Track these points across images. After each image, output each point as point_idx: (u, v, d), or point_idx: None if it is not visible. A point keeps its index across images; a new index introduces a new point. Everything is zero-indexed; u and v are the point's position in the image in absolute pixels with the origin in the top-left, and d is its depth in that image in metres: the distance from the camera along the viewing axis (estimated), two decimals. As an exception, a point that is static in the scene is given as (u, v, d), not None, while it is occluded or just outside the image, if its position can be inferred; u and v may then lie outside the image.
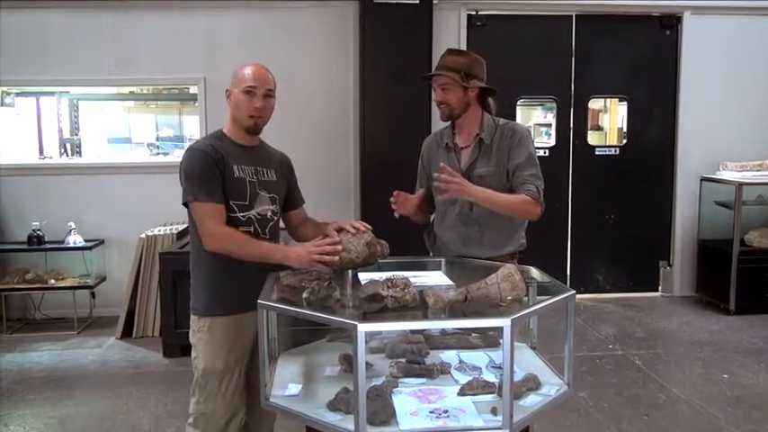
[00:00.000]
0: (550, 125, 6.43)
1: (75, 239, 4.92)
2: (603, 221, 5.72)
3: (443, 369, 1.91)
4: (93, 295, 5.13)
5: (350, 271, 2.13)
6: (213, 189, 2.08)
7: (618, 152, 5.76)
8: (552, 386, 1.82)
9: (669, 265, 5.81)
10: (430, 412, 1.64)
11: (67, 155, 6.00)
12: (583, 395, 3.63)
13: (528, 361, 2.02)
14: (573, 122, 5.64)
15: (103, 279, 5.16)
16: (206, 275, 2.18)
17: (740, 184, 5.10)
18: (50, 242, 4.95)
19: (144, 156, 6.71)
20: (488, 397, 1.72)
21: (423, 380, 1.85)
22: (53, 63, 5.11)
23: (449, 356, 2.03)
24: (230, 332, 2.15)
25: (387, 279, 1.79)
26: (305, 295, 1.81)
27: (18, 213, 5.12)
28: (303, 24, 5.24)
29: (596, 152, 5.73)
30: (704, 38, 5.56)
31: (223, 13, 5.19)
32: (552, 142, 5.78)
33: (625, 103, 5.81)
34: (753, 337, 4.63)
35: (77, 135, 6.23)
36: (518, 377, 1.79)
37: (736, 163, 5.39)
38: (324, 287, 1.80)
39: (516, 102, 5.56)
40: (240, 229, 2.12)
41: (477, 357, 2.03)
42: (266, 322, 1.81)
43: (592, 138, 5.89)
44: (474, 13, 5.39)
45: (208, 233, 2.08)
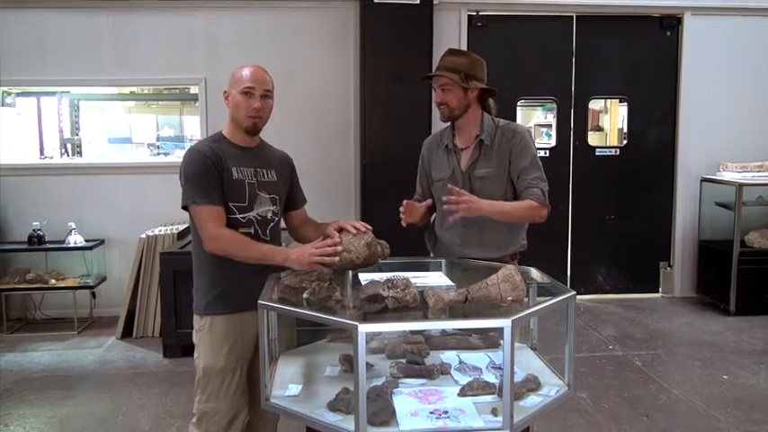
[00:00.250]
0: (551, 126, 6.43)
1: (75, 239, 4.92)
2: (604, 222, 5.72)
3: (444, 370, 1.91)
4: (93, 295, 5.14)
5: (350, 271, 2.13)
6: (212, 191, 2.09)
7: (618, 153, 5.76)
8: (552, 387, 1.82)
9: (669, 266, 5.81)
10: (430, 413, 1.64)
11: (68, 155, 5.99)
12: (583, 396, 3.63)
13: (528, 362, 2.02)
14: (573, 123, 5.64)
15: (104, 279, 5.16)
16: (207, 275, 2.19)
17: (740, 185, 5.10)
18: (51, 242, 4.95)
19: (144, 156, 6.71)
20: (489, 398, 1.72)
21: (423, 380, 1.85)
22: (54, 63, 5.12)
23: (449, 357, 2.03)
24: (231, 331, 2.16)
25: (387, 279, 1.78)
26: (305, 296, 1.81)
27: (18, 213, 5.12)
28: (304, 24, 5.24)
29: (597, 153, 5.73)
30: (704, 38, 5.56)
31: (224, 13, 5.19)
32: (552, 143, 5.78)
33: (625, 104, 5.81)
34: (753, 338, 4.63)
35: (78, 135, 6.23)
36: (518, 378, 1.79)
37: (736, 164, 5.39)
38: (324, 287, 1.80)
39: (517, 102, 5.56)
40: (240, 231, 2.13)
41: (477, 358, 2.03)
42: (267, 322, 1.82)
43: (592, 138, 5.90)
44: (474, 14, 5.40)
45: (208, 236, 2.09)
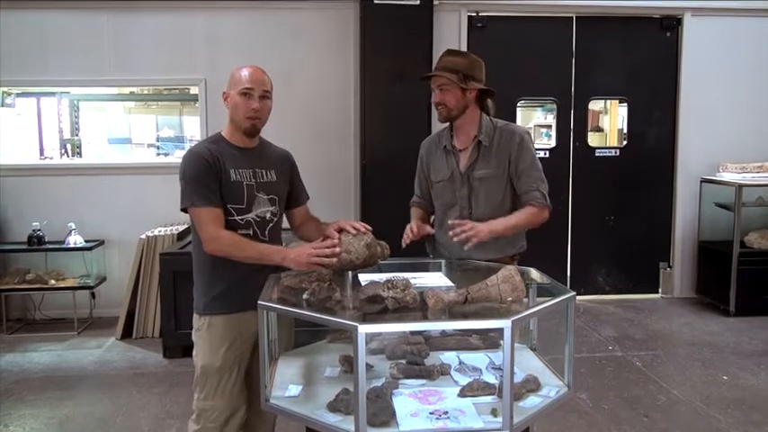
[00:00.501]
0: (551, 126, 6.43)
1: (75, 240, 4.92)
2: (604, 223, 5.72)
3: (443, 370, 1.91)
4: (93, 296, 5.14)
5: (350, 272, 2.13)
6: (210, 193, 2.09)
7: (618, 153, 5.75)
8: (552, 387, 1.82)
9: (669, 267, 5.81)
10: (430, 413, 1.65)
11: (68, 155, 6.00)
12: (583, 396, 3.63)
13: (528, 362, 2.02)
14: (573, 124, 5.64)
15: (104, 279, 5.16)
16: (206, 275, 2.19)
17: (740, 186, 5.10)
18: (51, 242, 4.95)
19: (144, 156, 6.71)
20: (488, 398, 1.73)
21: (423, 381, 1.86)
22: (54, 63, 5.11)
23: (449, 358, 2.03)
24: (229, 331, 2.16)
25: (387, 280, 1.79)
26: (305, 296, 1.81)
27: (18, 214, 5.12)
28: (304, 25, 5.24)
29: (596, 153, 5.73)
30: (704, 39, 5.56)
31: (224, 14, 5.19)
32: (552, 144, 5.78)
33: (625, 105, 5.81)
34: (753, 339, 4.62)
35: (78, 135, 6.23)
36: (518, 378, 1.79)
37: (736, 164, 5.39)
38: (324, 288, 1.80)
39: (516, 103, 5.56)
40: (239, 232, 2.13)
41: (477, 359, 2.03)
42: (266, 323, 1.82)
43: (592, 139, 5.90)
44: (474, 15, 5.40)
45: (207, 237, 2.09)
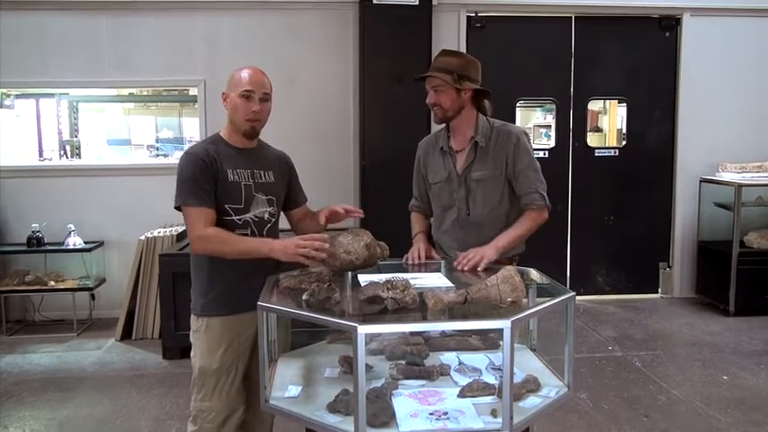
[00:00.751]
0: (550, 127, 6.43)
1: (74, 241, 4.91)
2: (603, 223, 5.72)
3: (443, 371, 1.91)
4: (92, 297, 5.13)
5: (349, 273, 2.13)
6: (204, 194, 2.09)
7: (617, 153, 5.75)
8: (552, 388, 1.82)
9: (669, 267, 5.81)
10: (430, 414, 1.64)
11: (67, 157, 6.00)
12: (583, 397, 3.62)
13: (528, 362, 2.02)
14: (572, 124, 5.64)
15: (103, 281, 5.15)
16: (204, 276, 2.19)
17: (740, 186, 5.10)
18: (50, 244, 4.94)
19: (144, 157, 6.71)
20: (488, 399, 1.72)
21: (422, 382, 1.85)
22: (53, 65, 5.11)
23: (448, 358, 2.03)
24: (227, 332, 2.16)
25: (386, 281, 1.78)
26: (305, 297, 1.81)
27: (18, 215, 5.12)
28: (303, 26, 5.24)
29: (596, 154, 5.73)
30: (703, 39, 5.56)
31: (223, 15, 5.19)
32: (552, 144, 5.78)
33: (624, 105, 5.82)
34: (753, 339, 4.62)
35: (77, 137, 6.23)
36: (518, 379, 1.79)
37: (735, 164, 5.40)
38: (324, 289, 1.80)
39: (516, 103, 5.56)
40: (237, 233, 2.13)
41: (476, 359, 2.03)
42: (266, 324, 1.81)
43: (591, 139, 5.90)
44: (473, 15, 5.40)
45: (193, 237, 2.10)
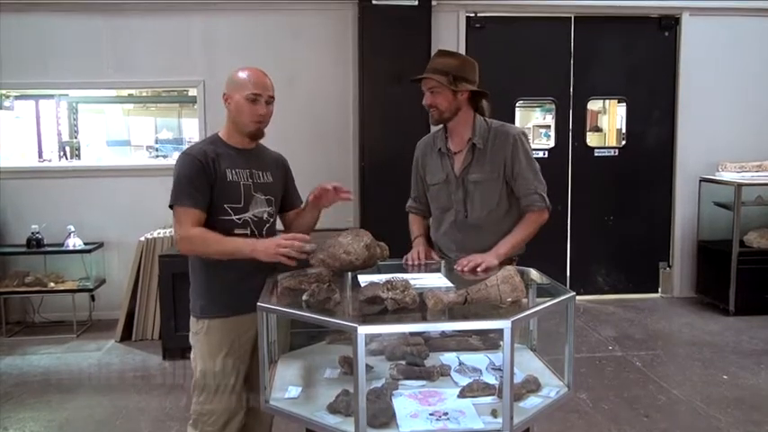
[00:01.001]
0: (549, 127, 6.43)
1: (74, 242, 4.91)
2: (603, 223, 5.72)
3: (443, 371, 1.91)
4: (92, 298, 5.12)
5: (349, 273, 2.13)
6: (197, 194, 2.08)
7: (617, 153, 5.76)
8: (552, 388, 1.82)
9: (669, 267, 5.80)
10: (430, 414, 1.64)
11: (66, 158, 5.99)
12: (583, 397, 3.62)
13: (528, 363, 2.02)
14: (572, 124, 5.64)
15: (103, 282, 5.15)
16: (203, 278, 2.19)
17: (739, 185, 5.10)
18: (50, 245, 4.94)
19: (143, 158, 6.70)
20: (488, 399, 1.72)
21: (423, 382, 1.85)
22: (52, 66, 5.11)
23: (449, 358, 2.03)
24: (227, 334, 2.16)
25: (386, 281, 1.78)
26: (304, 297, 1.80)
27: (17, 216, 5.11)
28: (302, 26, 5.24)
29: (595, 153, 5.73)
30: (703, 39, 5.56)
31: (221, 15, 5.19)
32: (551, 144, 5.78)
33: (624, 105, 5.82)
34: (753, 338, 4.62)
35: (76, 138, 6.23)
36: (518, 379, 1.79)
37: (735, 164, 5.39)
38: (323, 289, 1.80)
39: (515, 103, 5.56)
40: (237, 232, 2.13)
41: (477, 359, 2.03)
42: (266, 325, 1.81)
43: (591, 139, 5.90)
44: (473, 15, 5.40)
45: (179, 238, 2.09)
